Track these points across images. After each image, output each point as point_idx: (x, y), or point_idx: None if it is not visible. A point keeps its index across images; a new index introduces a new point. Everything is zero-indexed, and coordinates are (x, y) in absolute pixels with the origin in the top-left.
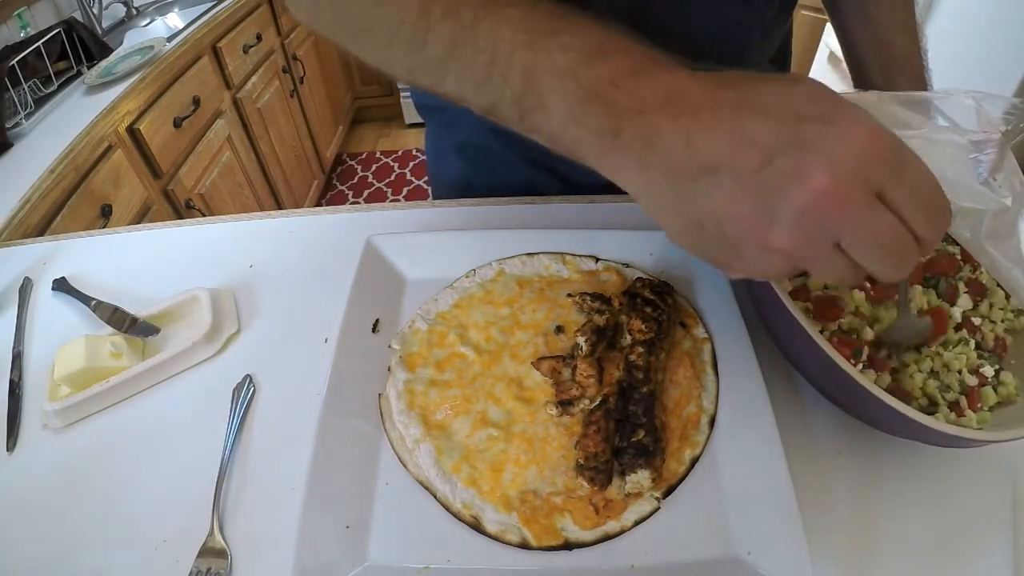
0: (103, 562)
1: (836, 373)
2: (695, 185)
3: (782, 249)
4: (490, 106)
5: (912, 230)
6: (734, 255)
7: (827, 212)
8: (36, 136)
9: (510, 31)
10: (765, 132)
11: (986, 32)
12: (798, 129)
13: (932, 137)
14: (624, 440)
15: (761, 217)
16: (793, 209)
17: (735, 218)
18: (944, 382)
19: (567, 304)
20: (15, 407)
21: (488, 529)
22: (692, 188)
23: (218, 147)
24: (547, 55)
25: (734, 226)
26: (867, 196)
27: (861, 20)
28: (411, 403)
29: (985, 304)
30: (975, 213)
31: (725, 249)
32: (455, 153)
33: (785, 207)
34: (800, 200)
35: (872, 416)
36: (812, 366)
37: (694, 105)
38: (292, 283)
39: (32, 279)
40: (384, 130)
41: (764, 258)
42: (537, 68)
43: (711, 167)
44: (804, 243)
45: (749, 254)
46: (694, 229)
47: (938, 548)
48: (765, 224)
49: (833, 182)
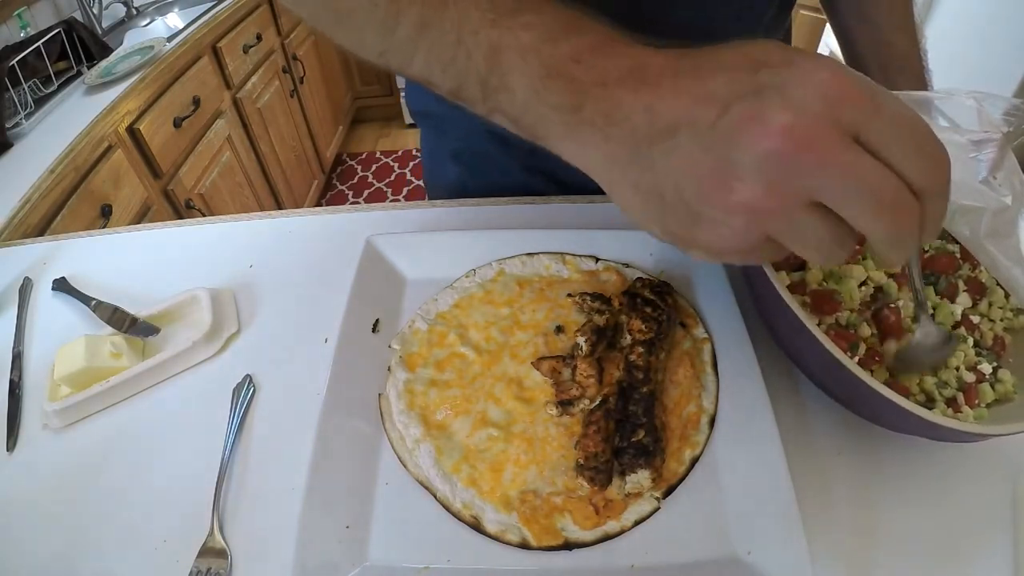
0: (103, 562)
1: (835, 368)
2: (653, 151)
3: (745, 205)
4: (456, 87)
5: (903, 175)
6: (696, 225)
7: (792, 156)
8: (36, 136)
9: (477, 11)
10: (722, 84)
11: (986, 32)
12: (756, 76)
13: None
14: (624, 440)
15: (720, 173)
16: (753, 157)
17: (694, 178)
18: (942, 379)
19: (567, 304)
20: (15, 407)
21: (488, 529)
22: (650, 155)
23: (218, 147)
24: (510, 33)
25: (693, 187)
26: (838, 134)
27: (860, 20)
28: (411, 403)
29: (984, 303)
30: (975, 211)
31: (687, 219)
32: (451, 159)
33: (744, 157)
34: (760, 145)
35: (871, 411)
36: (812, 362)
37: (655, 75)
38: (292, 283)
39: (32, 279)
40: (384, 130)
41: (729, 222)
42: (501, 46)
43: (669, 129)
44: (769, 196)
45: (712, 219)
46: (654, 200)
47: (938, 547)
48: (725, 179)
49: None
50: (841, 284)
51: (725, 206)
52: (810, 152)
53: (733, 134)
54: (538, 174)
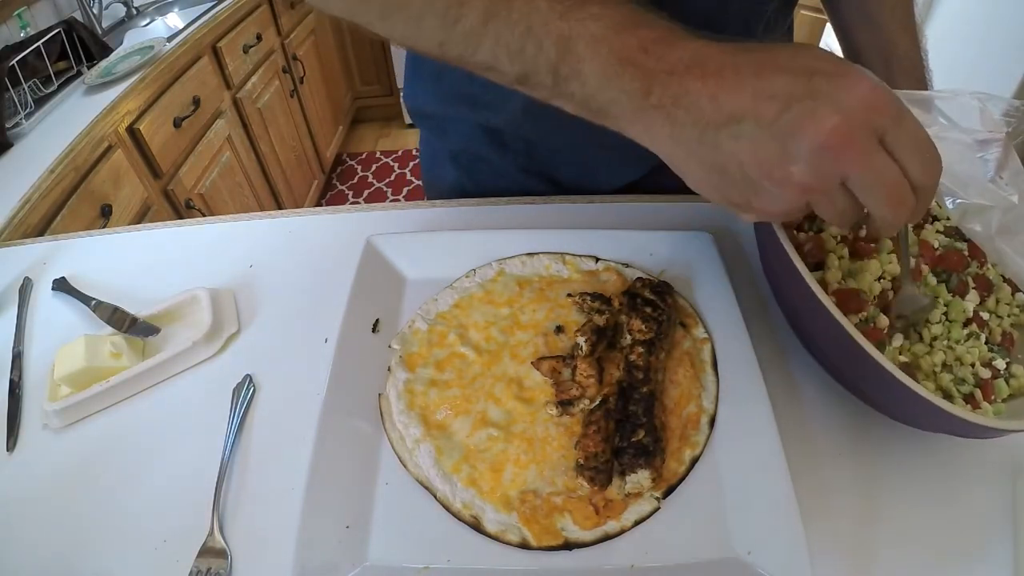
0: (103, 562)
1: (862, 362)
2: (719, 134)
3: (799, 183)
4: (523, 74)
5: (908, 176)
6: (754, 194)
7: (837, 150)
8: (36, 136)
9: (544, 3)
10: (782, 85)
11: (986, 32)
12: (811, 81)
13: (941, 135)
14: (624, 440)
15: (781, 157)
16: (808, 147)
17: (758, 161)
18: (958, 376)
19: (567, 304)
20: (15, 407)
21: (488, 529)
22: (716, 137)
23: (218, 147)
24: (580, 24)
25: (756, 168)
26: (872, 138)
27: (862, 20)
28: (411, 403)
29: (992, 299)
30: (986, 210)
31: (747, 190)
32: (450, 161)
33: (802, 146)
34: (815, 139)
35: (893, 408)
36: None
37: (718, 66)
38: (292, 283)
39: (32, 279)
40: (384, 130)
41: (782, 194)
42: (572, 36)
43: (736, 118)
44: (817, 178)
45: (769, 191)
46: (716, 175)
47: (939, 545)
48: (784, 163)
49: (843, 123)
50: (859, 280)
51: (782, 181)
52: (851, 150)
53: (793, 128)
54: (536, 176)
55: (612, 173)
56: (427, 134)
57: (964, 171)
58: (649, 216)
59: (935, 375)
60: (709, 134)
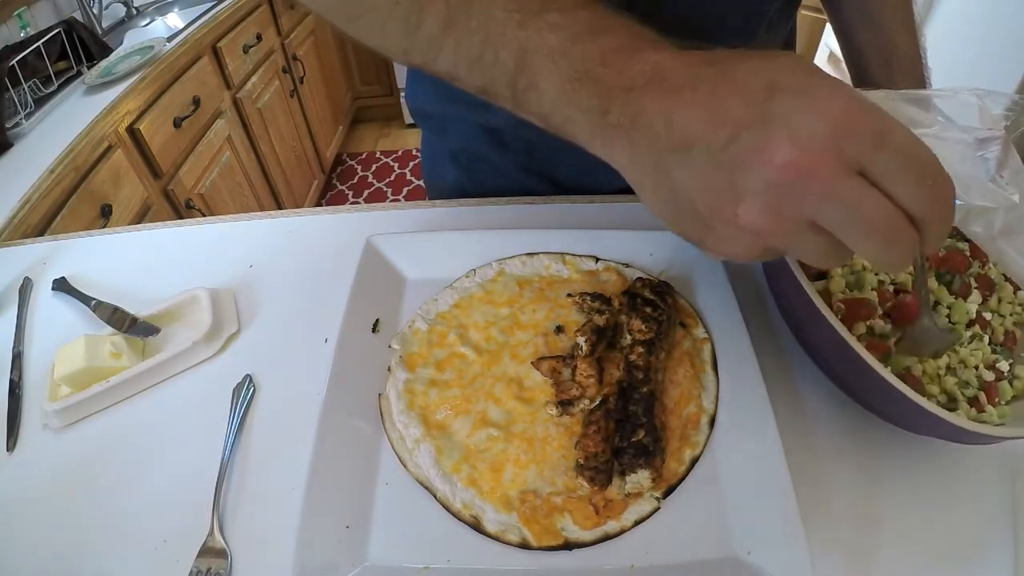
0: (103, 562)
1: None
2: (670, 160)
3: (750, 226)
4: (483, 85)
5: (900, 204)
6: (707, 232)
7: (792, 187)
8: (36, 136)
9: (502, 10)
10: (736, 108)
11: (986, 32)
12: (767, 104)
13: (941, 135)
14: (624, 440)
15: (728, 193)
16: (757, 184)
17: (705, 192)
18: (963, 379)
19: (567, 304)
20: (15, 407)
21: (488, 529)
22: (668, 163)
23: (218, 147)
24: (538, 35)
25: (704, 202)
26: (840, 169)
27: (862, 20)
28: (411, 403)
29: (994, 299)
30: (987, 211)
31: (699, 225)
32: (450, 160)
33: (750, 183)
34: (763, 175)
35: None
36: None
37: (676, 83)
38: (292, 283)
39: (32, 279)
40: (384, 130)
41: (735, 236)
42: (529, 48)
43: (687, 144)
44: (771, 220)
45: (721, 231)
46: (672, 203)
47: (939, 546)
48: (732, 200)
49: (798, 155)
50: (862, 290)
51: (732, 222)
52: (808, 183)
53: (741, 160)
54: (536, 176)
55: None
56: (428, 134)
57: (965, 172)
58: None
59: (939, 378)
60: (663, 159)
